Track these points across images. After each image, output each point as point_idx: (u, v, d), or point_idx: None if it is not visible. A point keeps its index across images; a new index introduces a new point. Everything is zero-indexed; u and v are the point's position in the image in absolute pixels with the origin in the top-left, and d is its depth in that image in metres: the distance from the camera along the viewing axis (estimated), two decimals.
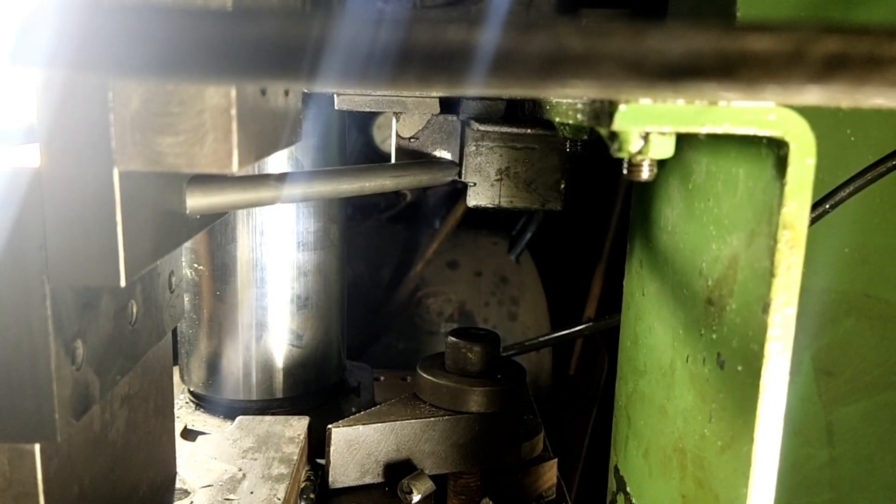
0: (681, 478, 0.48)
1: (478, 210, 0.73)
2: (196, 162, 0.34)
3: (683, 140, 0.42)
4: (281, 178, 0.52)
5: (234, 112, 0.33)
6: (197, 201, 0.45)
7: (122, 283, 0.35)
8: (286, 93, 0.45)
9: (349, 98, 0.68)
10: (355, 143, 1.18)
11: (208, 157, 0.34)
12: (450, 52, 0.22)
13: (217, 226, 0.73)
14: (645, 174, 0.40)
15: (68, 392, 0.37)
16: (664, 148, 0.38)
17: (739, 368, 0.40)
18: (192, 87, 0.33)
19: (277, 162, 0.73)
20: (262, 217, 0.74)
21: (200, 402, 0.80)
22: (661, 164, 0.41)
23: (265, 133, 0.40)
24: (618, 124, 0.35)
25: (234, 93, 0.33)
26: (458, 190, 1.19)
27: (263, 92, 0.39)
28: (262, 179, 0.51)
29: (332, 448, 0.65)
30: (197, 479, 0.60)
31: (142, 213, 0.37)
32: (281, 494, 0.58)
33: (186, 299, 0.76)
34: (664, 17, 0.78)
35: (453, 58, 0.22)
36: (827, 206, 0.60)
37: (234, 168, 0.34)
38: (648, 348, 0.56)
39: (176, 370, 0.78)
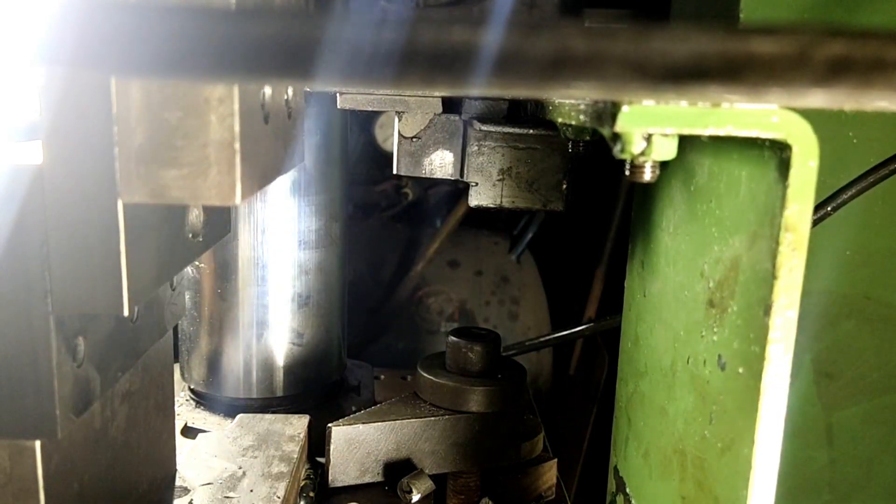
0: (681, 479, 0.48)
1: (479, 210, 0.73)
2: (199, 195, 0.34)
3: (686, 142, 0.42)
4: None
5: (237, 146, 0.34)
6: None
7: (126, 313, 0.35)
8: (289, 116, 0.45)
9: (351, 97, 0.68)
10: (357, 142, 1.18)
11: (211, 189, 0.34)
12: (454, 51, 0.22)
13: None
14: (647, 175, 0.40)
15: (69, 389, 0.37)
16: (667, 149, 0.38)
17: (740, 370, 0.40)
18: (196, 120, 0.33)
19: None
20: (264, 215, 0.74)
21: (201, 399, 0.80)
22: (663, 165, 0.41)
23: (268, 161, 0.40)
24: (621, 125, 0.35)
25: (237, 127, 0.34)
26: (460, 189, 1.19)
27: (266, 120, 0.39)
28: None
29: (331, 447, 0.65)
30: (197, 477, 0.60)
31: (145, 241, 0.37)
32: (281, 493, 0.58)
33: (187, 297, 0.76)
34: (667, 19, 0.78)
35: (457, 58, 0.22)
36: (829, 209, 0.60)
37: (237, 201, 0.35)
38: (649, 349, 0.56)
39: (176, 368, 0.78)
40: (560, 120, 0.54)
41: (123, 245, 0.34)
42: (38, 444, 0.37)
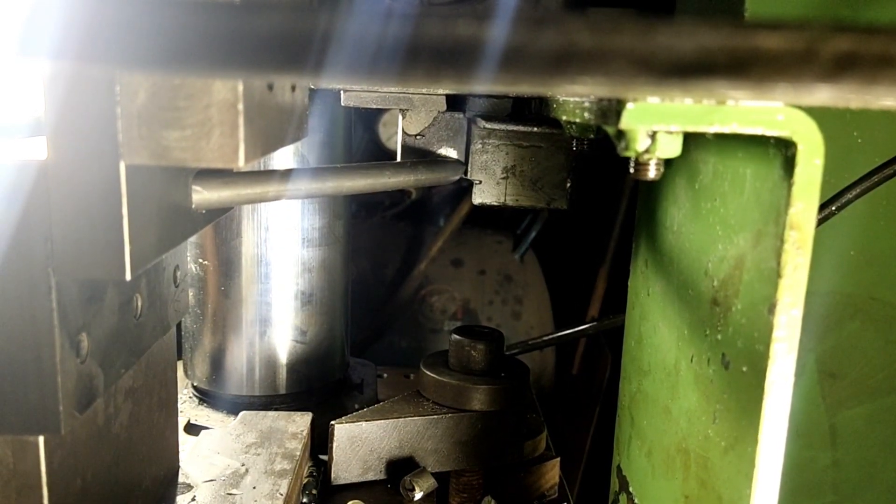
0: (684, 478, 0.48)
1: (483, 208, 0.73)
2: (202, 156, 0.34)
3: (690, 139, 0.42)
4: (286, 174, 0.52)
5: (240, 107, 0.34)
6: (202, 196, 0.45)
7: (128, 277, 0.35)
8: (293, 88, 0.45)
9: (355, 94, 0.68)
10: (361, 140, 1.18)
11: (214, 151, 0.34)
12: (459, 47, 0.22)
13: (222, 221, 0.73)
14: (651, 173, 0.40)
15: (72, 385, 0.37)
16: (671, 147, 0.38)
17: (744, 369, 0.40)
18: (199, 81, 0.33)
19: (283, 158, 0.73)
20: (268, 213, 0.74)
21: (204, 396, 0.80)
22: (667, 163, 0.41)
23: (271, 128, 0.40)
24: (625, 123, 0.35)
25: (241, 88, 0.33)
26: (464, 188, 1.19)
27: (270, 87, 0.39)
28: (268, 175, 0.51)
29: (334, 444, 0.65)
30: (200, 474, 0.60)
31: (147, 206, 0.37)
32: (283, 490, 0.58)
33: (191, 294, 0.76)
34: (672, 16, 0.78)
35: (462, 53, 0.21)
36: (833, 208, 0.59)
37: (241, 163, 0.34)
38: (653, 348, 0.56)
39: (179, 365, 0.78)
40: (564, 118, 0.54)
41: (126, 208, 0.34)
42: (41, 439, 0.37)
